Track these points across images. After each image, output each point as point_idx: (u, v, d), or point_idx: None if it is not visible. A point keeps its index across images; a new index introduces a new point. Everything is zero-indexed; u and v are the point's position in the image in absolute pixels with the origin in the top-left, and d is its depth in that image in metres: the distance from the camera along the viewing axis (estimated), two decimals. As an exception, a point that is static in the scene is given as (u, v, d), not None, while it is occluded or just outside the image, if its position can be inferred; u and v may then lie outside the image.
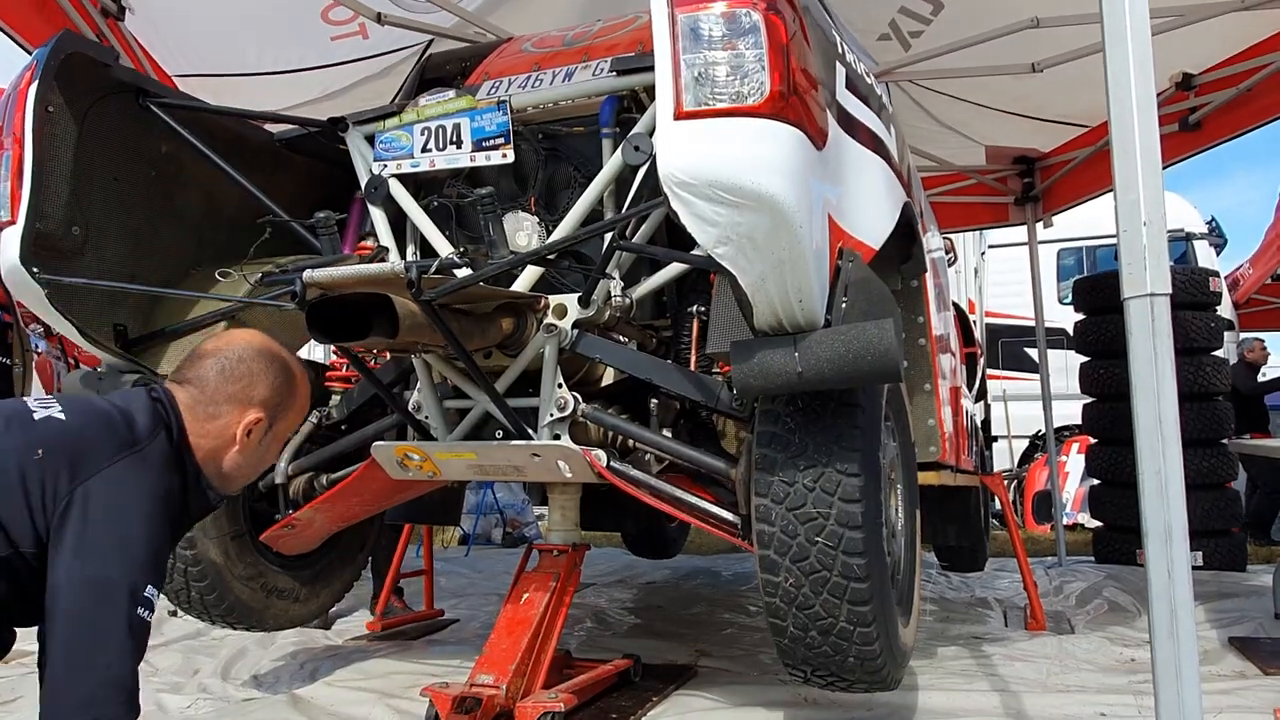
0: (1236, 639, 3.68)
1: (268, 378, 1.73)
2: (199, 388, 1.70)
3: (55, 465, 1.49)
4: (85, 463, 1.51)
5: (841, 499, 1.84)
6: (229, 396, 1.70)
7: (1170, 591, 1.58)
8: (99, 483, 1.49)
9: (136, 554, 1.49)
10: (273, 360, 1.76)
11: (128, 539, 1.48)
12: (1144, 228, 1.63)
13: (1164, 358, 1.62)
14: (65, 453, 1.51)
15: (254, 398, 1.71)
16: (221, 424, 1.69)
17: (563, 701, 2.48)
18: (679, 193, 1.60)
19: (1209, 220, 10.46)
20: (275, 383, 1.74)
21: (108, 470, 1.51)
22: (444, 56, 3.16)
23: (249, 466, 1.76)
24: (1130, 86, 1.64)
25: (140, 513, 1.52)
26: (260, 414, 1.72)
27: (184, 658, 3.65)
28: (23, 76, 2.13)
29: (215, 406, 1.70)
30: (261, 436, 1.74)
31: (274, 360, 1.76)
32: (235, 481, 1.77)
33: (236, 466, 1.73)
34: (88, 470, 1.50)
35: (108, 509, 1.48)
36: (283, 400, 1.76)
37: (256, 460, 1.77)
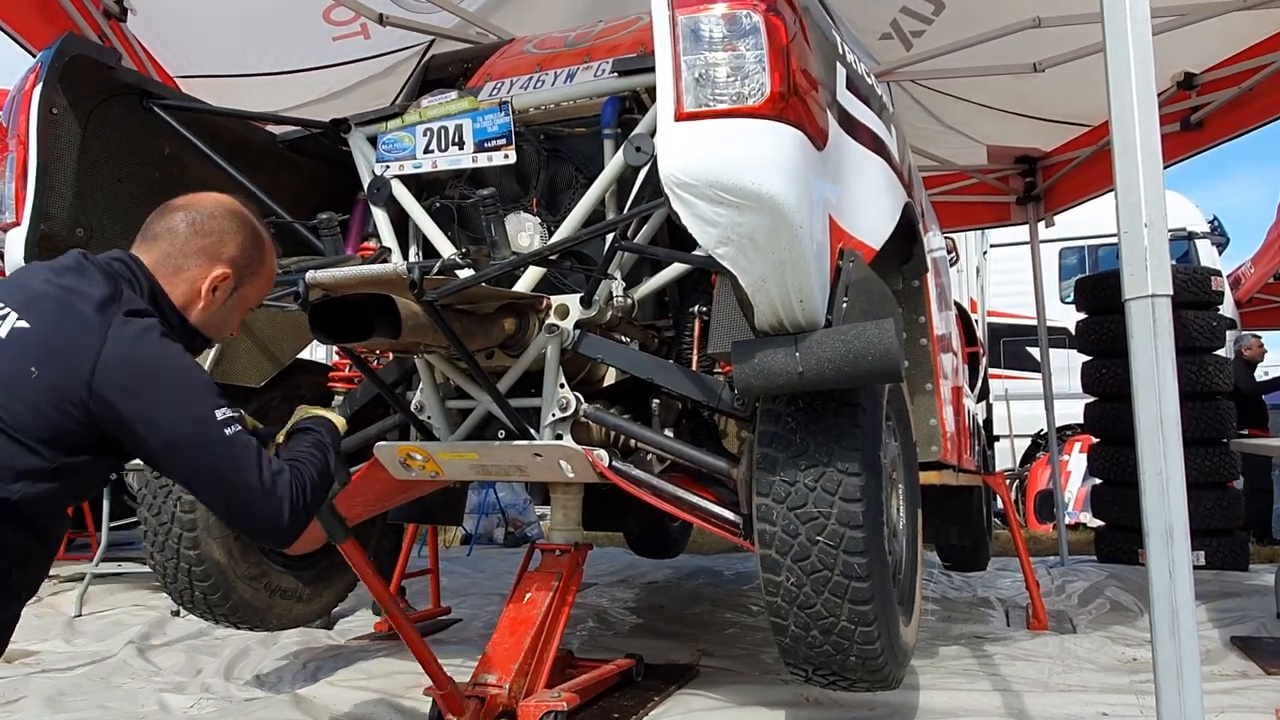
0: (1239, 638, 3.68)
1: (238, 237, 1.72)
2: (169, 240, 1.69)
3: (54, 377, 1.49)
4: (79, 357, 1.50)
5: (843, 498, 1.84)
6: (197, 250, 1.69)
7: (1171, 592, 1.58)
8: (104, 369, 1.49)
9: (191, 392, 1.55)
10: (244, 221, 1.75)
11: (172, 387, 1.53)
12: (1145, 229, 1.63)
13: (1165, 358, 1.62)
14: (57, 361, 1.50)
15: (222, 254, 1.70)
16: (188, 276, 1.68)
17: (565, 701, 2.49)
18: (680, 193, 1.61)
19: (1211, 219, 10.45)
20: (244, 243, 1.73)
21: (104, 352, 1.50)
22: (446, 58, 3.17)
23: (212, 327, 1.75)
24: (1131, 88, 1.64)
25: (164, 363, 1.54)
26: (228, 270, 1.70)
27: (187, 657, 3.67)
28: (27, 78, 2.14)
29: (184, 259, 1.68)
30: (226, 296, 1.72)
31: (245, 221, 1.75)
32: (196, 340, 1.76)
33: (199, 323, 1.72)
34: (86, 364, 1.49)
35: (136, 378, 1.50)
36: (250, 262, 1.74)
37: (220, 321, 1.75)
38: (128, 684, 3.33)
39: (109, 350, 1.50)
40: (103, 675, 3.44)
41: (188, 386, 1.55)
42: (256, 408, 2.69)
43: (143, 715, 2.95)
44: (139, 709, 3.01)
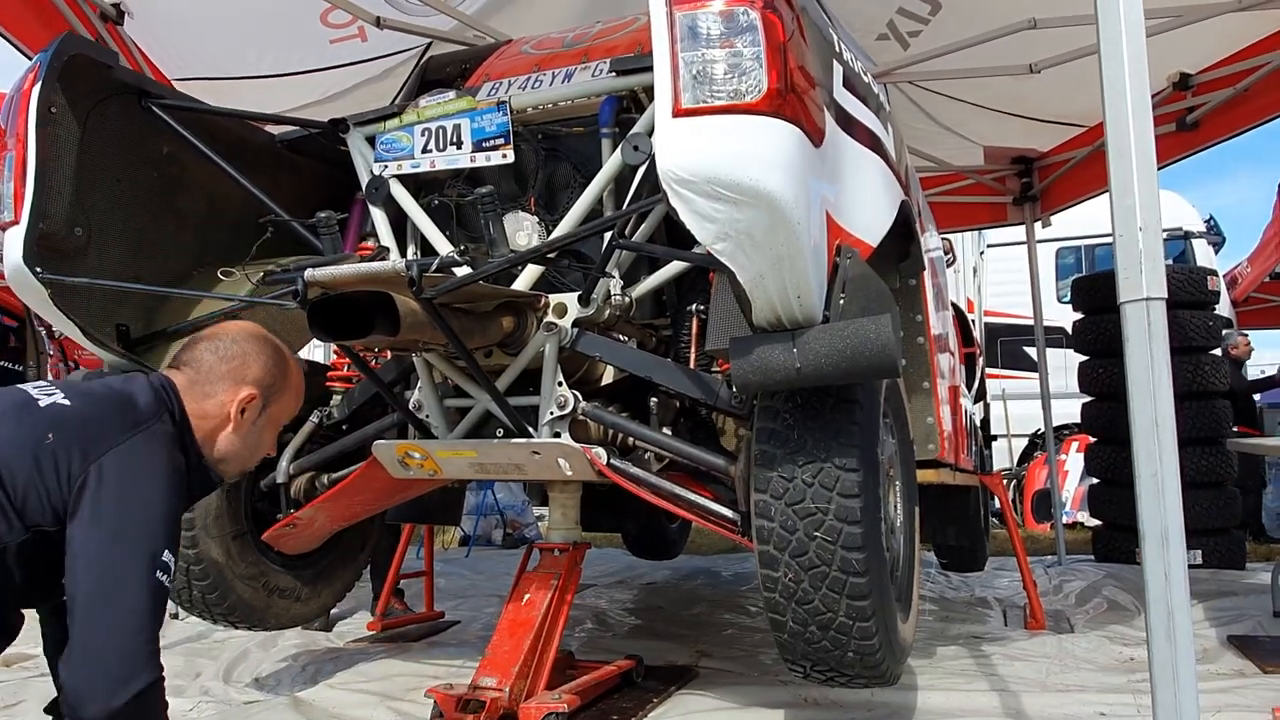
0: (1235, 637, 3.68)
1: (260, 358, 1.77)
2: (194, 369, 1.74)
3: (67, 447, 1.52)
4: (96, 442, 1.54)
5: (840, 494, 1.84)
6: (223, 375, 1.73)
7: (1167, 593, 1.59)
8: (112, 458, 1.53)
9: (153, 521, 1.53)
10: (265, 343, 1.79)
11: (143, 506, 1.52)
12: (1140, 233, 1.64)
13: (1160, 362, 1.63)
14: (75, 435, 1.54)
15: (247, 376, 1.75)
16: (216, 402, 1.72)
17: (566, 702, 2.48)
18: (678, 190, 1.61)
19: (1207, 219, 10.48)
20: (268, 363, 1.77)
21: (120, 446, 1.54)
22: (444, 59, 3.18)
23: (245, 448, 1.78)
24: (1125, 92, 1.65)
25: (153, 483, 1.55)
26: (254, 391, 1.74)
27: (186, 660, 3.65)
28: (26, 78, 2.15)
29: (210, 386, 1.73)
30: (255, 416, 1.76)
31: (266, 343, 1.80)
32: (231, 464, 1.79)
33: (232, 446, 1.75)
34: (100, 449, 1.53)
35: (121, 480, 1.52)
36: (276, 381, 1.78)
37: (252, 443, 1.79)
38: (126, 686, 3.32)
39: (125, 448, 1.54)
40: (101, 678, 3.44)
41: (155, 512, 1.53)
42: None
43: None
44: (137, 711, 3.01)
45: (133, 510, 1.52)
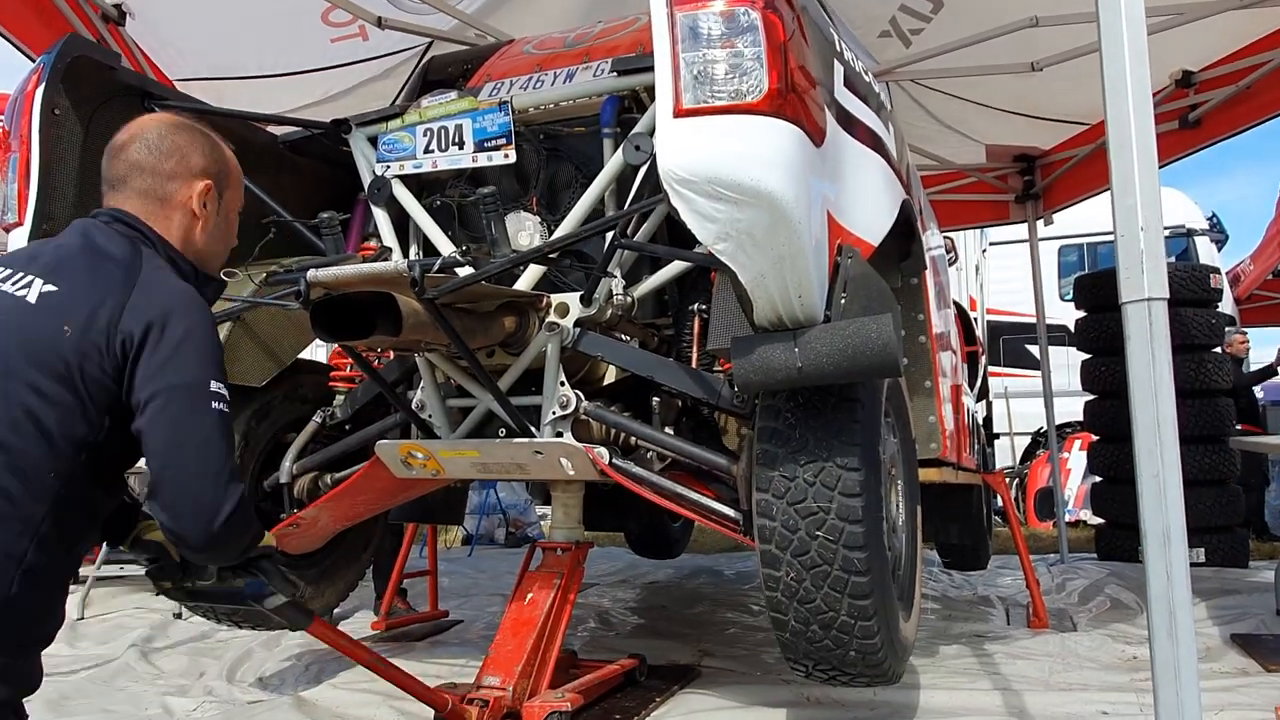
0: (1238, 636, 3.68)
1: (198, 147, 1.69)
2: (138, 178, 1.65)
3: (86, 331, 1.50)
4: (109, 311, 1.51)
5: (842, 493, 1.84)
6: (170, 174, 1.65)
7: (1169, 593, 1.59)
8: (129, 316, 1.50)
9: (194, 357, 1.53)
10: (192, 130, 1.71)
11: (178, 348, 1.51)
12: (1141, 232, 1.64)
13: (1162, 361, 1.63)
14: (86, 314, 1.51)
15: (194, 168, 1.67)
16: (177, 203, 1.66)
17: (569, 701, 2.48)
18: (679, 189, 1.62)
19: (1210, 216, 10.48)
20: (206, 149, 1.70)
21: (129, 302, 1.52)
22: (446, 59, 3.18)
23: (218, 241, 1.73)
24: (1127, 91, 1.65)
25: (178, 320, 1.53)
26: (207, 181, 1.68)
27: (190, 660, 3.67)
28: (29, 79, 2.15)
29: (163, 189, 1.65)
30: (216, 207, 1.70)
31: (193, 130, 1.72)
32: (211, 263, 1.74)
33: (207, 245, 1.70)
34: (115, 315, 1.51)
35: (153, 329, 1.50)
36: (221, 168, 1.72)
37: (219, 238, 1.73)
38: (131, 687, 3.33)
39: (137, 293, 1.52)
40: (105, 678, 3.45)
41: (198, 345, 1.54)
42: (258, 407, 2.69)
43: (146, 718, 2.96)
44: (142, 712, 3.01)
45: (173, 357, 1.51)
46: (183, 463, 1.50)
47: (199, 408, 1.51)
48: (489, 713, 2.41)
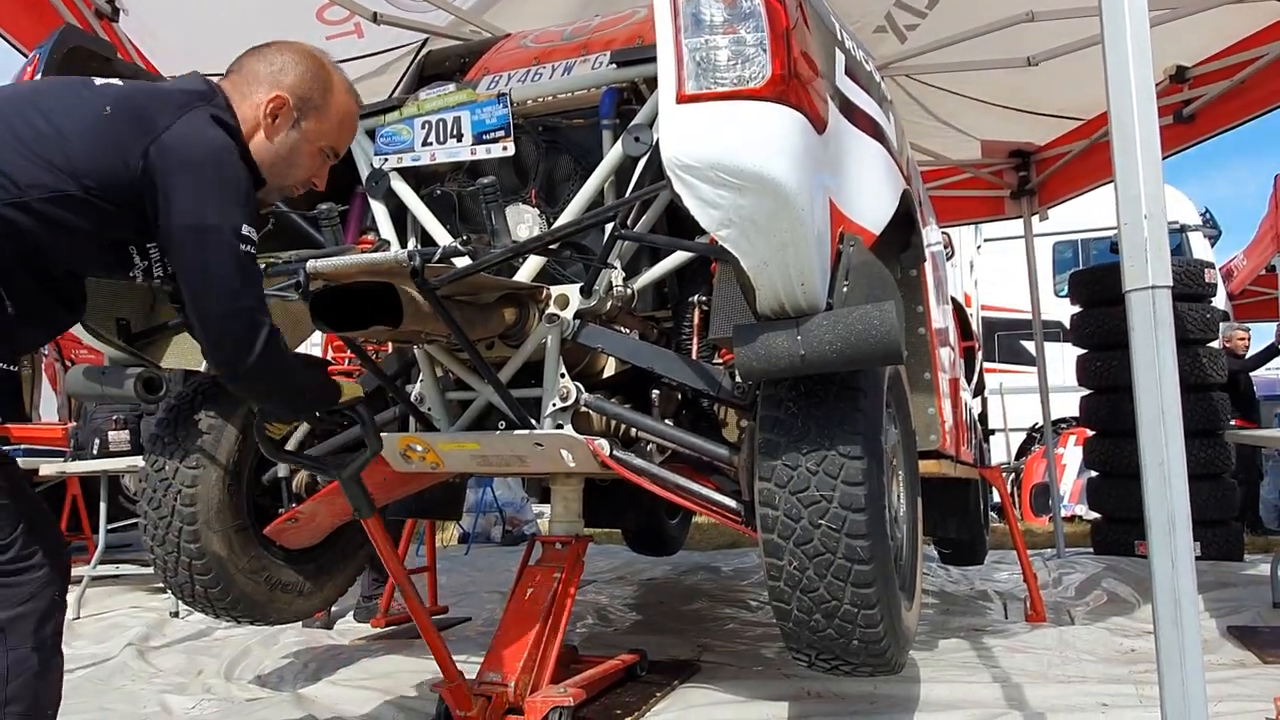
0: (1235, 628, 3.70)
1: (299, 68, 1.78)
2: (238, 72, 1.77)
3: (126, 121, 1.59)
4: (152, 120, 1.60)
5: (844, 482, 1.84)
6: (260, 79, 1.75)
7: (1174, 581, 1.59)
8: (169, 138, 1.58)
9: (225, 195, 1.60)
10: (309, 57, 1.81)
11: (212, 182, 1.59)
12: (1145, 220, 1.63)
13: (1165, 349, 1.63)
14: (131, 110, 1.61)
15: (282, 82, 1.75)
16: (252, 104, 1.75)
17: (571, 696, 2.48)
18: (682, 176, 1.61)
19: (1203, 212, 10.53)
20: (305, 74, 1.77)
21: (175, 125, 1.60)
22: (443, 53, 3.17)
23: (279, 159, 1.79)
24: (1130, 80, 1.65)
25: (216, 158, 1.61)
26: (285, 95, 1.75)
27: (188, 658, 3.66)
28: (25, 70, 2.13)
29: (249, 87, 1.75)
30: (287, 126, 1.77)
31: (310, 57, 1.81)
32: (267, 175, 1.80)
33: (265, 152, 1.77)
34: (156, 127, 1.59)
35: (185, 160, 1.58)
36: (312, 94, 1.78)
37: (285, 154, 1.79)
38: (128, 686, 3.32)
39: (176, 129, 1.59)
40: (103, 677, 3.43)
41: (223, 188, 1.59)
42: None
43: (144, 716, 2.95)
44: (140, 710, 3.00)
45: (202, 188, 1.58)
46: (208, 301, 1.61)
47: (218, 248, 1.57)
48: (491, 708, 2.41)
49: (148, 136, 1.57)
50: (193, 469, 2.51)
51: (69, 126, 1.58)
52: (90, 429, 5.61)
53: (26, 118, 1.59)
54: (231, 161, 1.63)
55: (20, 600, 1.56)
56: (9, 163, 1.54)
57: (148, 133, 1.58)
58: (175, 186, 1.56)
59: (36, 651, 1.54)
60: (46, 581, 1.60)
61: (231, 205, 1.59)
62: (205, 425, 2.55)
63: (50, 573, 1.61)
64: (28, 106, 1.61)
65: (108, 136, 1.58)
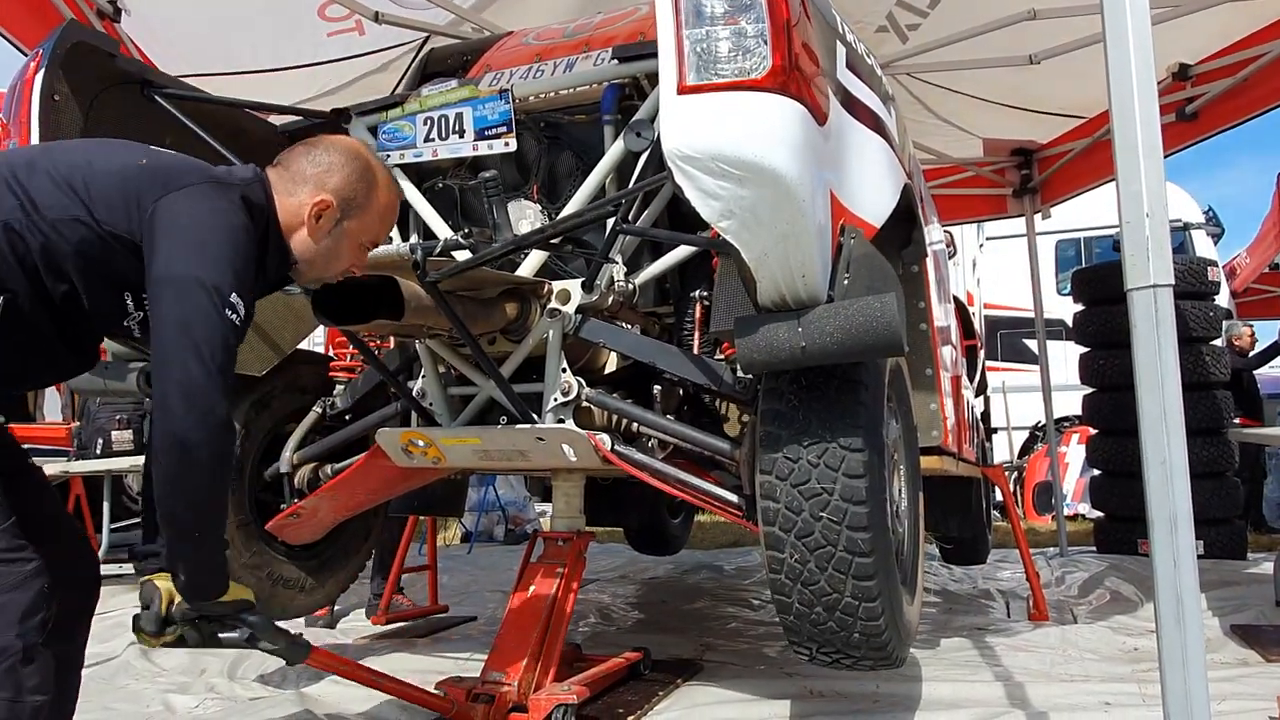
0: (1238, 626, 3.68)
1: (345, 170, 1.81)
2: (286, 168, 1.82)
3: (152, 174, 1.65)
4: (174, 180, 1.65)
5: (845, 474, 1.84)
6: (306, 178, 1.80)
7: (1176, 579, 1.58)
8: (181, 195, 1.63)
9: (218, 258, 1.61)
10: (356, 158, 1.84)
11: (207, 244, 1.61)
12: (1146, 219, 1.62)
13: (1167, 348, 1.62)
14: (162, 169, 1.68)
15: (328, 184, 1.80)
16: (296, 202, 1.79)
17: (575, 693, 2.47)
18: (683, 167, 1.61)
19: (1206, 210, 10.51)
20: (351, 176, 1.81)
21: (190, 188, 1.65)
22: (445, 50, 3.18)
23: (320, 256, 1.82)
24: (1131, 78, 1.64)
25: (218, 225, 1.63)
26: (330, 200, 1.78)
27: (190, 658, 3.64)
28: (29, 65, 2.13)
29: (294, 185, 1.80)
30: (331, 226, 1.80)
31: (358, 159, 1.84)
32: (306, 269, 1.84)
33: (307, 250, 1.81)
34: (174, 185, 1.64)
35: (187, 217, 1.62)
36: (356, 196, 1.82)
37: (327, 251, 1.82)
38: (131, 685, 3.31)
39: (192, 190, 1.64)
40: (106, 676, 3.43)
41: (220, 253, 1.61)
42: (258, 397, 2.69)
43: (148, 715, 2.94)
44: (144, 709, 3.00)
45: (196, 246, 1.60)
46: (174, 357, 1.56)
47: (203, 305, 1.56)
48: (495, 708, 2.40)
49: (163, 191, 1.62)
50: (195, 465, 2.51)
51: (101, 164, 1.65)
52: (93, 429, 5.61)
53: (69, 153, 1.68)
54: (236, 234, 1.64)
55: (2, 589, 1.58)
56: (35, 187, 1.60)
57: (165, 187, 1.63)
58: (170, 239, 1.59)
59: (20, 639, 1.56)
60: (34, 574, 1.61)
61: (224, 271, 1.59)
62: (207, 421, 2.55)
63: (39, 566, 1.61)
64: (73, 151, 1.71)
65: (132, 182, 1.63)
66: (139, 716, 2.94)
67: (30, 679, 1.57)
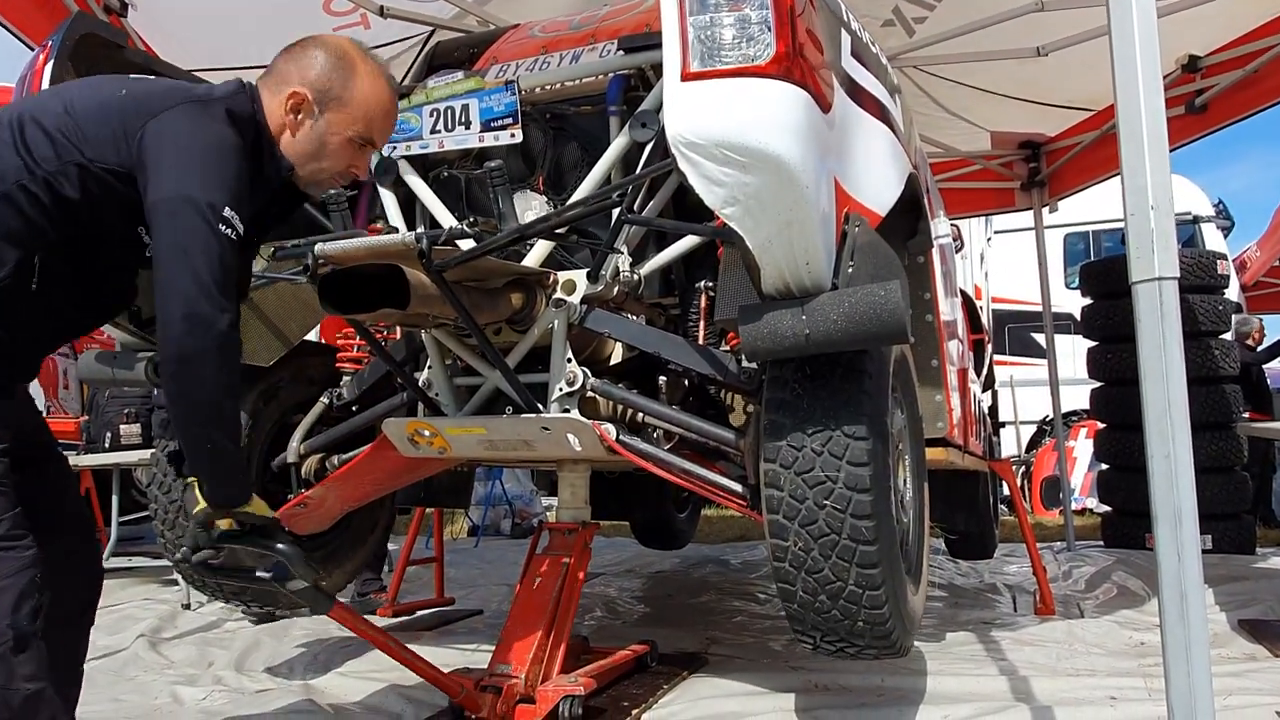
0: (1246, 621, 3.67)
1: (319, 61, 1.78)
2: (269, 73, 1.80)
3: (135, 103, 1.65)
4: (155, 105, 1.65)
5: (849, 462, 1.84)
6: (287, 75, 1.78)
7: (1180, 575, 1.58)
8: (165, 119, 1.63)
9: (206, 175, 1.61)
10: (333, 49, 1.81)
11: (194, 162, 1.61)
12: (1152, 211, 1.62)
13: (1172, 342, 1.61)
14: (142, 96, 1.67)
15: (305, 77, 1.77)
16: (278, 99, 1.77)
17: (582, 685, 2.48)
18: (687, 154, 1.61)
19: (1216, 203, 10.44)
20: (325, 67, 1.78)
21: (172, 110, 1.65)
22: (451, 43, 3.18)
23: (304, 154, 1.80)
24: (1137, 70, 1.64)
25: (204, 143, 1.63)
26: (303, 91, 1.76)
27: (198, 650, 3.67)
28: (38, 57, 2.14)
29: (277, 86, 1.78)
30: (311, 121, 1.78)
31: (335, 49, 1.81)
32: (299, 171, 1.82)
33: (291, 150, 1.79)
34: (156, 109, 1.64)
35: (172, 139, 1.62)
36: (333, 86, 1.78)
37: (311, 149, 1.80)
38: (140, 677, 3.33)
39: (174, 112, 1.64)
40: (115, 668, 3.45)
41: (205, 169, 1.61)
42: (265, 387, 2.70)
43: (155, 707, 2.96)
44: (151, 701, 3.01)
45: (184, 166, 1.60)
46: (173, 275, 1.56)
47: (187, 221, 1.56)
48: (503, 699, 2.41)
49: (147, 117, 1.62)
50: (202, 454, 2.52)
51: (81, 103, 1.65)
52: (101, 422, 5.64)
53: (50, 105, 1.66)
54: (224, 149, 1.64)
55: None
56: (32, 140, 1.61)
57: (149, 114, 1.62)
58: (160, 163, 1.59)
59: (12, 629, 1.56)
60: (29, 564, 1.61)
61: (213, 187, 1.59)
62: (215, 411, 2.56)
63: (35, 556, 1.62)
64: (53, 96, 1.71)
65: (115, 115, 1.63)
66: (147, 708, 2.96)
67: (23, 667, 1.57)
